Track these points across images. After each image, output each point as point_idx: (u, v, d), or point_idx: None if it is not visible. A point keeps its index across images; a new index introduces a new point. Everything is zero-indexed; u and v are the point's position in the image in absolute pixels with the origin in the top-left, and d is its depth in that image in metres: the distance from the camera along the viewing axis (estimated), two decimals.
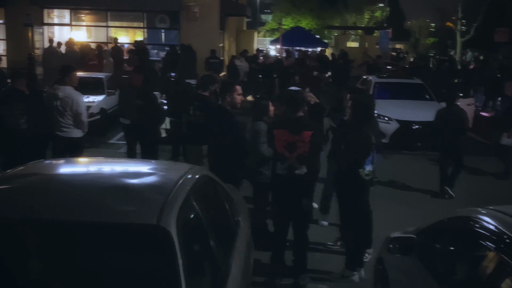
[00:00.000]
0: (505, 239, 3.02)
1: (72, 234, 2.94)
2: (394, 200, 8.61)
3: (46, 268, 2.94)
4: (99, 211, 3.06)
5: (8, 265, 2.88)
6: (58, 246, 2.93)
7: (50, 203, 3.14)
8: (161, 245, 2.86)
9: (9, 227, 2.98)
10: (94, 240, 2.94)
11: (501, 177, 10.28)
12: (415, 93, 13.81)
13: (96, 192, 3.29)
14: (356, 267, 5.82)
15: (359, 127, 5.63)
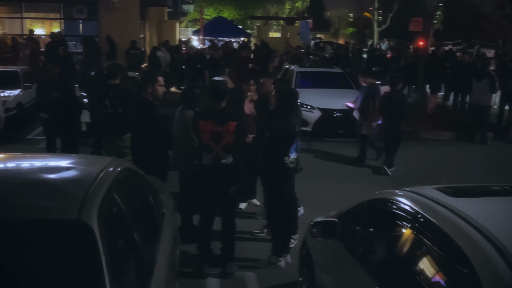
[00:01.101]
0: (420, 218, 3.16)
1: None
2: (320, 186, 8.83)
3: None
4: (16, 207, 2.94)
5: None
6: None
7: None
8: (83, 240, 2.79)
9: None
10: (12, 237, 2.82)
11: (356, 162, 10.46)
12: (335, 81, 14.17)
13: (12, 188, 3.15)
14: (282, 253, 5.93)
15: (283, 116, 5.73)
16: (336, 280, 4.03)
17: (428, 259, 3.02)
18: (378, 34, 46.66)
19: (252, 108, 7.30)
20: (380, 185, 8.63)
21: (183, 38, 30.39)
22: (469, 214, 2.83)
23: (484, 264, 2.46)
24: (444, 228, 2.87)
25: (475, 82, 12.58)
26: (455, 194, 3.26)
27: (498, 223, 2.79)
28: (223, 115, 5.53)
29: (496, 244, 2.50)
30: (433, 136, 13.01)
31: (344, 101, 12.80)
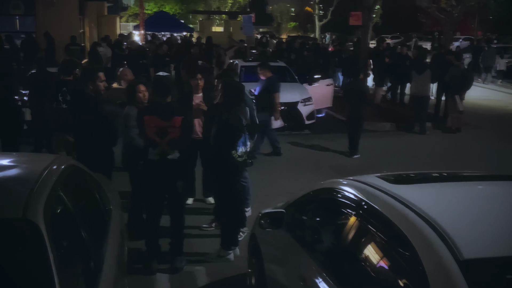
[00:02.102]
0: (364, 205, 3.27)
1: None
2: (270, 178, 8.92)
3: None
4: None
5: None
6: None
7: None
8: (29, 239, 2.74)
9: None
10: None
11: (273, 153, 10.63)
12: (279, 75, 14.26)
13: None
14: (231, 246, 5.97)
15: (230, 110, 5.76)
16: (285, 270, 4.11)
17: (372, 244, 3.13)
18: (320, 28, 47.33)
19: (201, 101, 7.27)
20: (324, 175, 8.80)
21: (124, 33, 29.88)
22: (410, 200, 2.95)
23: (425, 246, 2.57)
24: (386, 214, 2.99)
25: (415, 74, 12.98)
26: (396, 181, 3.38)
27: (437, 207, 2.92)
28: (169, 110, 5.51)
29: (435, 227, 2.62)
30: (374, 127, 13.34)
31: (289, 95, 12.96)
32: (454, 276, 2.34)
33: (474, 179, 3.61)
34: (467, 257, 2.40)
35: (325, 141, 12.02)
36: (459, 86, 12.83)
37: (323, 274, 3.38)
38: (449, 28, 20.97)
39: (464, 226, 2.68)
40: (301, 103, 12.86)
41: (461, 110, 13.02)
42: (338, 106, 15.30)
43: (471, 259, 2.40)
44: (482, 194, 3.30)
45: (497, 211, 2.93)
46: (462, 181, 3.57)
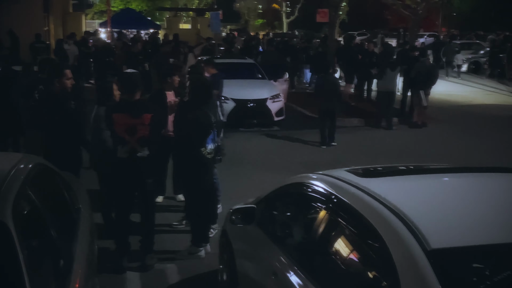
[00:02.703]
0: (333, 199, 3.32)
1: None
2: (240, 175, 8.94)
3: None
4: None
5: None
6: None
7: None
8: None
9: None
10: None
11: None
12: (248, 72, 14.32)
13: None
14: (202, 243, 5.97)
15: (198, 107, 5.75)
16: (256, 265, 4.13)
17: (343, 237, 3.19)
18: (287, 25, 47.51)
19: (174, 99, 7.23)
20: (294, 171, 8.85)
21: (89, 31, 29.47)
22: (378, 193, 3.01)
23: (393, 237, 2.63)
24: (356, 207, 3.04)
25: (390, 71, 13.09)
26: (365, 175, 3.44)
27: (405, 199, 2.98)
28: (138, 107, 5.47)
29: (403, 218, 2.68)
30: (342, 123, 13.45)
31: (257, 92, 13.01)
32: (422, 265, 2.40)
33: (440, 171, 3.70)
34: (434, 247, 2.47)
35: (294, 137, 12.10)
36: (424, 81, 13.06)
37: (294, 268, 3.42)
38: (414, 25, 21.29)
39: (431, 217, 2.75)
40: (270, 100, 12.92)
41: (425, 105, 13.26)
42: (306, 102, 15.42)
43: (438, 249, 2.46)
44: (447, 186, 3.38)
45: (462, 202, 3.01)
46: (428, 173, 3.65)
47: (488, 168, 3.62)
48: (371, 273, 2.81)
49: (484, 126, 13.75)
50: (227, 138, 10.15)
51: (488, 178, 3.44)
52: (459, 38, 31.24)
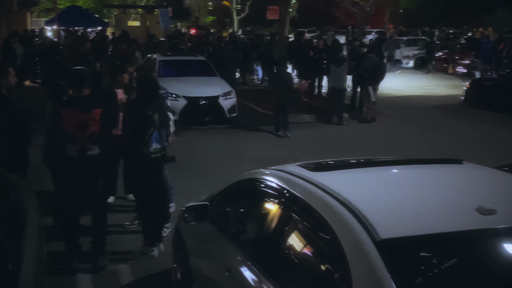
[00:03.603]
0: (285, 193, 3.34)
1: None
2: (193, 173, 8.89)
3: None
4: None
5: None
6: None
7: None
8: None
9: None
10: None
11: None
12: (199, 69, 14.24)
13: None
14: (155, 243, 5.91)
15: (140, 105, 5.68)
16: (210, 262, 4.12)
17: (295, 230, 3.22)
18: (238, 23, 47.48)
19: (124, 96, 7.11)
20: (247, 167, 8.88)
21: (35, 29, 28.66)
22: (329, 186, 3.05)
23: (343, 229, 2.68)
24: (307, 200, 3.07)
25: (334, 67, 13.34)
26: (316, 169, 3.48)
27: (355, 192, 3.03)
28: (87, 102, 5.37)
29: (353, 210, 2.73)
30: (294, 119, 13.57)
31: (209, 89, 12.96)
32: (372, 256, 2.45)
33: (388, 164, 3.78)
34: (383, 237, 2.52)
35: (246, 134, 12.13)
36: (372, 77, 13.32)
37: (248, 263, 3.43)
38: (362, 22, 21.70)
39: (380, 208, 2.80)
40: (222, 97, 12.90)
41: (374, 100, 13.53)
42: (258, 99, 15.47)
43: (387, 239, 2.52)
44: (395, 178, 3.47)
45: (410, 193, 3.09)
46: (377, 166, 3.73)
47: (435, 160, 3.73)
48: (324, 265, 2.85)
49: (429, 117, 14.20)
50: (179, 136, 10.15)
51: (434, 169, 3.54)
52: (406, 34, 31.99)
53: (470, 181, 3.32)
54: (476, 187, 3.18)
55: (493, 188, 3.18)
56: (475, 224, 2.63)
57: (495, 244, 2.62)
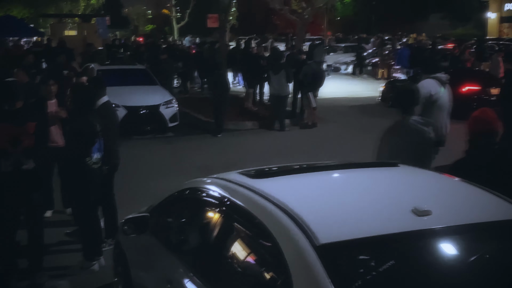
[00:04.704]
0: (226, 201, 3.32)
1: None
2: (134, 183, 8.73)
3: None
4: None
5: None
6: None
7: None
8: None
9: None
10: None
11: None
12: (139, 78, 14.06)
13: None
14: (95, 257, 5.76)
15: (81, 115, 5.55)
16: (152, 274, 4.04)
17: (237, 239, 3.20)
18: (178, 31, 47.26)
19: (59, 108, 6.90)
20: (189, 176, 8.80)
21: None
22: (268, 193, 3.05)
23: (283, 235, 2.67)
24: (248, 208, 3.06)
25: (272, 74, 13.46)
26: (256, 176, 3.47)
27: (294, 197, 3.04)
28: (20, 115, 5.19)
29: (293, 216, 2.73)
30: (237, 127, 13.63)
31: (149, 98, 12.81)
32: (311, 261, 2.46)
33: (328, 168, 3.82)
34: (322, 242, 2.54)
35: (189, 143, 12.05)
36: (311, 83, 13.52)
37: (190, 274, 3.39)
38: (301, 29, 21.98)
39: (320, 213, 2.82)
40: (163, 106, 12.78)
41: (314, 106, 13.73)
42: (200, 107, 15.42)
43: (327, 243, 2.54)
44: (335, 182, 3.51)
45: (349, 197, 3.13)
46: (317, 171, 3.75)
47: (372, 163, 3.80)
48: (266, 272, 2.84)
49: (367, 121, 14.53)
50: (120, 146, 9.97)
51: (371, 172, 3.61)
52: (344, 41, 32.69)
53: (406, 184, 3.40)
54: (411, 189, 3.26)
55: (428, 190, 3.26)
56: (411, 226, 2.68)
57: (430, 244, 2.68)
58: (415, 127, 4.87)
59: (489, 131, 4.12)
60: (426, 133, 4.89)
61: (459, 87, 14.27)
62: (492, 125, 4.14)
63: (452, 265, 2.66)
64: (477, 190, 3.23)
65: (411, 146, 4.77)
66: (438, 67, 6.83)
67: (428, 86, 6.38)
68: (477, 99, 14.20)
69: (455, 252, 2.73)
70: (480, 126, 4.13)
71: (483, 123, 4.14)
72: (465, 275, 2.61)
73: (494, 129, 4.14)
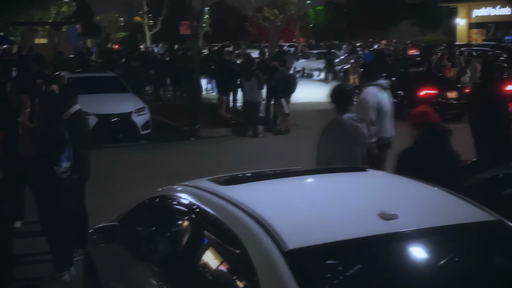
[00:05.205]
0: (195, 209, 3.31)
1: None
2: (105, 192, 8.63)
3: None
4: None
5: None
6: None
7: None
8: None
9: None
10: None
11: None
12: (110, 86, 13.94)
13: None
14: (65, 267, 5.68)
15: (49, 124, 5.48)
16: (122, 284, 3.99)
17: (207, 246, 3.19)
18: (150, 38, 47.04)
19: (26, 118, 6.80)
20: (162, 184, 8.75)
21: None
22: (237, 199, 3.05)
23: (252, 242, 2.68)
24: (217, 214, 3.06)
25: (244, 81, 13.50)
26: (226, 183, 3.47)
27: (263, 203, 3.05)
28: None
29: (262, 222, 2.74)
30: (210, 134, 13.60)
31: (121, 106, 12.71)
32: (279, 267, 2.47)
33: (297, 174, 3.83)
34: (291, 247, 2.55)
35: (162, 150, 11.97)
36: (284, 90, 13.58)
37: (160, 284, 3.36)
38: (274, 36, 22.11)
39: (288, 219, 2.83)
40: (135, 114, 12.68)
41: (287, 112, 13.79)
42: (172, 114, 15.37)
43: (295, 249, 2.55)
44: (304, 188, 3.53)
45: (318, 202, 3.15)
46: (286, 177, 3.76)
47: (341, 168, 3.83)
48: (235, 279, 2.83)
49: None
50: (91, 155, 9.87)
51: (340, 177, 3.64)
52: (317, 48, 32.95)
53: (373, 188, 3.43)
54: (379, 194, 3.29)
55: (395, 194, 3.30)
56: (377, 230, 2.71)
57: (397, 248, 2.72)
58: (349, 123, 5.33)
59: (427, 122, 4.71)
60: (360, 129, 5.36)
61: (417, 91, 14.75)
62: (430, 117, 4.74)
63: (419, 268, 2.69)
64: (443, 193, 3.28)
65: (347, 142, 5.27)
66: (378, 74, 7.14)
67: (373, 93, 6.67)
68: (435, 102, 14.63)
69: (421, 255, 2.76)
70: (420, 117, 4.76)
71: (422, 115, 4.77)
72: (431, 277, 2.65)
73: (431, 120, 4.72)
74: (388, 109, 6.77)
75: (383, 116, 6.67)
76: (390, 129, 6.87)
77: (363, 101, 6.57)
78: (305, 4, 29.52)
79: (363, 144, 5.49)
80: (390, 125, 6.89)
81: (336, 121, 5.43)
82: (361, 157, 5.41)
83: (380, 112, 6.60)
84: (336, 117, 5.46)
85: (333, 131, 5.37)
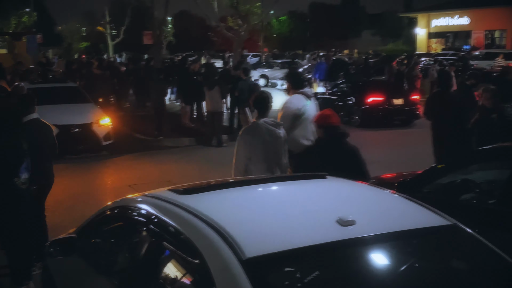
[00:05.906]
0: (154, 219, 3.26)
1: None
2: (66, 205, 8.47)
3: None
4: None
5: None
6: None
7: None
8: None
9: None
10: None
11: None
12: (70, 96, 13.72)
13: None
14: (24, 281, 5.53)
15: (5, 135, 5.35)
16: None
17: (166, 256, 3.13)
18: (113, 48, 46.63)
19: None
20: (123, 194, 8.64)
21: None
22: (196, 208, 3.02)
23: (210, 251, 2.65)
24: (175, 224, 3.02)
25: (207, 90, 13.48)
26: (185, 192, 3.44)
27: (221, 212, 3.02)
28: None
29: (220, 231, 2.72)
30: (173, 143, 13.52)
31: (82, 116, 12.51)
32: (237, 275, 2.44)
33: (257, 182, 3.82)
34: (249, 255, 2.53)
35: (124, 161, 11.85)
36: (248, 99, 13.58)
37: None
38: (238, 46, 22.17)
39: (246, 227, 2.82)
40: (96, 124, 12.49)
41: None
42: (135, 124, 15.23)
43: (253, 257, 2.53)
44: (263, 196, 3.51)
45: (276, 210, 3.14)
46: (245, 185, 3.74)
47: (300, 176, 3.84)
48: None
49: None
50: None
51: (299, 185, 3.64)
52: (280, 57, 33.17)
53: (332, 195, 3.45)
54: (337, 200, 3.31)
55: (353, 200, 3.32)
56: (335, 236, 2.72)
57: (355, 253, 2.73)
58: (264, 126, 5.75)
59: (328, 124, 5.36)
60: (276, 132, 5.78)
61: (365, 98, 15.34)
62: (330, 119, 5.38)
63: (377, 273, 2.71)
64: (400, 199, 3.33)
65: (264, 144, 5.70)
66: (303, 83, 7.55)
67: (296, 101, 6.97)
68: (382, 109, 15.10)
69: (379, 260, 2.79)
70: (322, 120, 5.45)
71: (324, 117, 5.44)
72: (389, 282, 2.67)
73: (331, 122, 5.37)
74: (311, 116, 6.88)
75: (306, 122, 6.89)
76: (313, 134, 6.85)
77: (284, 108, 6.98)
78: (268, 14, 29.69)
79: (280, 143, 5.84)
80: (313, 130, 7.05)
81: (253, 125, 5.89)
82: (284, 153, 5.89)
83: (303, 118, 6.89)
84: (255, 121, 5.93)
85: (250, 133, 5.81)
